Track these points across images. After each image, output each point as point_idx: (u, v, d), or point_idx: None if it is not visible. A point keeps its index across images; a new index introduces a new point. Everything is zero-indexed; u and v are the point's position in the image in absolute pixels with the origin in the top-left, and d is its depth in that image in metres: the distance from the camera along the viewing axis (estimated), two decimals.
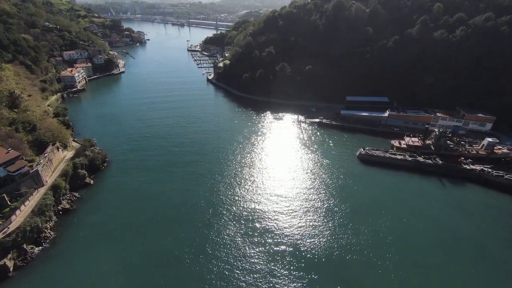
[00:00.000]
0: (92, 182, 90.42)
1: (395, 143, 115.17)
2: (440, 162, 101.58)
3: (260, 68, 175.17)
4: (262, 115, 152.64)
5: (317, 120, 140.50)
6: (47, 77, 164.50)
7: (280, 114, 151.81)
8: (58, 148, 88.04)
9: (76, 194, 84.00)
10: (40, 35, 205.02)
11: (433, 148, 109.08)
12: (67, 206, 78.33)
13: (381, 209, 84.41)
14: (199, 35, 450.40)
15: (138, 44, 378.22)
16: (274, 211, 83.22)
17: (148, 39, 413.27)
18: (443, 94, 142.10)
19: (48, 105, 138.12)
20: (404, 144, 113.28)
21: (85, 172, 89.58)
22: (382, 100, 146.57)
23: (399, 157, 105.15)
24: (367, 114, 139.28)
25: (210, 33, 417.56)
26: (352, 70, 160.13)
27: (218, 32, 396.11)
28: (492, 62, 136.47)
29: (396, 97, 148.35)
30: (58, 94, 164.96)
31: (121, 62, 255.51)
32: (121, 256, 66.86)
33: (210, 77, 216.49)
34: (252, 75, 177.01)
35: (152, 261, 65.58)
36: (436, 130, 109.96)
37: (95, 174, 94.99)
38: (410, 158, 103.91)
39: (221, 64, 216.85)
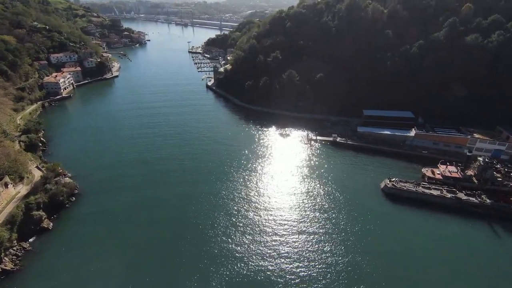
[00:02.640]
0: (51, 226, 71.81)
1: (427, 172, 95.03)
2: (488, 201, 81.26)
3: (264, 75, 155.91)
4: (266, 130, 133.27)
5: (330, 138, 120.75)
6: (27, 83, 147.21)
7: (287, 130, 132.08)
8: (6, 185, 69.87)
9: (26, 246, 65.52)
10: (26, 36, 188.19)
11: (476, 181, 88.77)
12: (10, 265, 59.93)
13: (419, 270, 64.81)
14: (202, 35, 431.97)
15: (137, 45, 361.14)
16: (278, 267, 64.18)
17: (149, 40, 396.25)
18: (479, 110, 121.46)
19: (21, 118, 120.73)
20: (438, 174, 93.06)
21: (43, 213, 71.18)
22: (406, 116, 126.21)
23: (435, 192, 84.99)
24: (388, 132, 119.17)
25: (214, 33, 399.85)
26: (370, 79, 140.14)
27: (222, 33, 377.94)
28: None
29: (422, 112, 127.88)
30: (39, 103, 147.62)
31: (116, 65, 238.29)
32: None
33: (209, 83, 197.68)
34: (255, 82, 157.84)
35: None
36: (481, 158, 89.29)
37: (58, 213, 76.64)
38: (449, 195, 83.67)
39: (221, 69, 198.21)
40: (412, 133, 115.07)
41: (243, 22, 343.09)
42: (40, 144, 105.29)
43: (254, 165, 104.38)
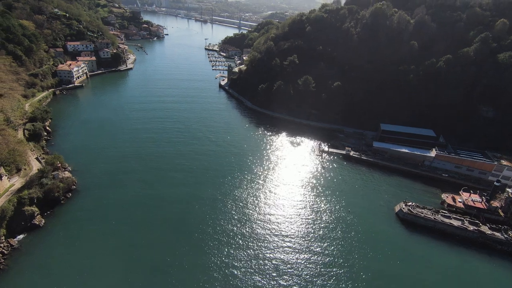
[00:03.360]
0: (42, 223, 68.56)
1: (447, 198, 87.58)
2: None
3: (279, 79, 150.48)
4: (276, 136, 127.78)
5: (343, 151, 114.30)
6: (40, 70, 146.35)
7: (298, 138, 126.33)
8: (0, 176, 66.87)
9: (14, 243, 62.33)
10: (45, 22, 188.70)
11: (502, 214, 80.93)
12: None
13: None
14: (221, 33, 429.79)
15: (155, 39, 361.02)
16: None
17: (167, 34, 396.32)
18: (507, 134, 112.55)
19: (30, 105, 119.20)
20: (460, 202, 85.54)
21: (35, 209, 67.95)
22: (427, 134, 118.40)
23: (455, 223, 77.68)
24: (406, 150, 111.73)
25: (232, 32, 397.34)
26: (390, 91, 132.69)
27: (240, 32, 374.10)
28: None
29: (444, 131, 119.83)
30: (50, 90, 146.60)
31: (131, 58, 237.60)
32: None
33: (223, 82, 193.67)
34: (269, 86, 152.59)
35: None
36: (510, 190, 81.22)
37: (52, 209, 73.44)
38: (471, 227, 76.24)
39: (236, 69, 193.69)
40: (433, 153, 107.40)
41: (262, 22, 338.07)
42: (45, 134, 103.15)
43: (260, 173, 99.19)
